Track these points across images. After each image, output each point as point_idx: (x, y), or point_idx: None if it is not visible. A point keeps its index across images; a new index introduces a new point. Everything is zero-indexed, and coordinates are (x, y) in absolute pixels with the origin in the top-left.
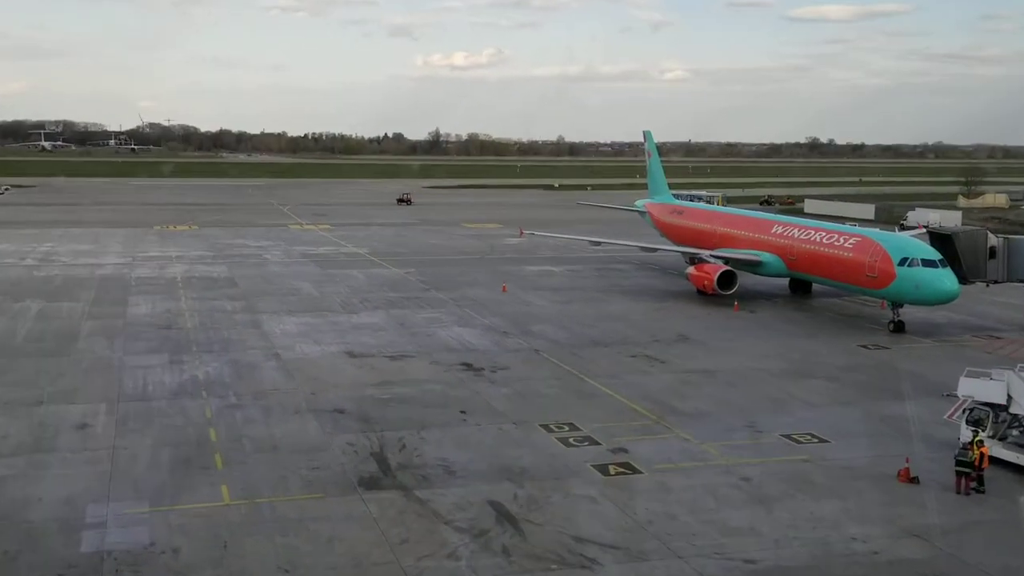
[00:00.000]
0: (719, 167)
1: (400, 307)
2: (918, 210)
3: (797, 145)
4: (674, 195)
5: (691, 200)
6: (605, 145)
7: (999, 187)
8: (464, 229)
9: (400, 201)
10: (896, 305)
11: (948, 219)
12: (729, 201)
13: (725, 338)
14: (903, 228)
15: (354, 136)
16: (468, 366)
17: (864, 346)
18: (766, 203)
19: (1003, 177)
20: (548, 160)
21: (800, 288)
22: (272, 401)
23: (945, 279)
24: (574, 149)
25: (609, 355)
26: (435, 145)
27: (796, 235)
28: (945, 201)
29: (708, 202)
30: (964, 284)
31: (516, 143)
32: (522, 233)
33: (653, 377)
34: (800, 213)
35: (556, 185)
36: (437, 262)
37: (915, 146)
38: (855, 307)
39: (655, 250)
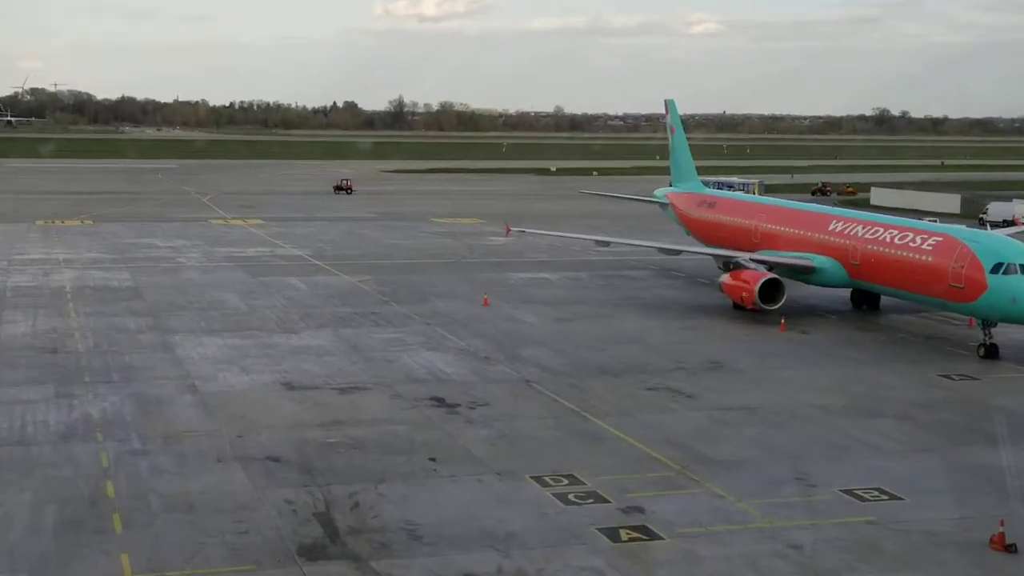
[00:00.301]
0: (761, 147)
1: (352, 325)
2: (998, 202)
3: (860, 119)
4: (703, 182)
5: (720, 189)
6: (616, 118)
7: None
8: (434, 225)
9: (338, 189)
10: (988, 324)
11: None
12: (769, 191)
13: (769, 365)
14: (983, 223)
15: (294, 106)
16: (439, 401)
17: (946, 376)
18: (820, 193)
19: None
20: (543, 137)
21: (865, 301)
22: (187, 446)
23: None
24: (576, 123)
25: (620, 387)
26: (398, 118)
27: (860, 234)
28: None
29: (742, 192)
30: None
31: (502, 115)
32: (508, 231)
33: (677, 415)
34: (864, 206)
35: (553, 169)
36: (399, 267)
37: (1012, 120)
38: (935, 326)
39: (679, 252)
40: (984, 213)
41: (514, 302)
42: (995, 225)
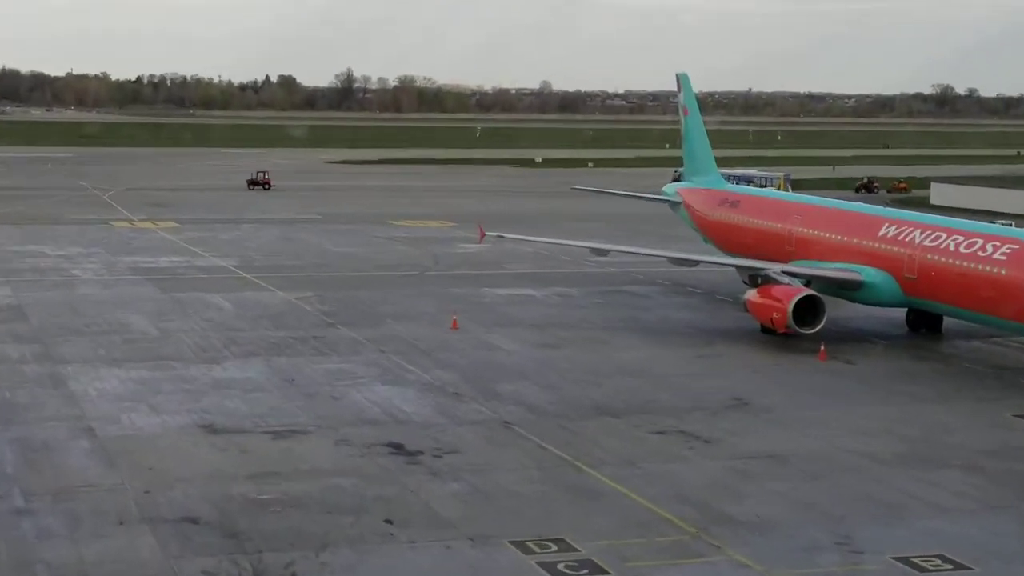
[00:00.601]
0: (795, 132)
1: (289, 353)
2: None
3: (918, 98)
4: (723, 176)
5: (736, 183)
6: (616, 97)
7: None
8: (392, 229)
9: (253, 183)
10: None
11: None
12: (798, 187)
13: (805, 403)
14: None
15: (218, 81)
16: (397, 448)
17: (1022, 417)
18: (865, 189)
19: None
20: (526, 120)
21: (924, 324)
22: (83, 504)
23: None
24: (567, 103)
25: (621, 430)
26: (346, 96)
27: (918, 240)
28: None
29: (762, 187)
30: None
31: (475, 93)
32: (483, 236)
33: (691, 465)
34: (923, 206)
35: (538, 160)
36: (348, 281)
37: None
38: (1010, 354)
39: (695, 263)
40: None
41: (490, 325)
42: None
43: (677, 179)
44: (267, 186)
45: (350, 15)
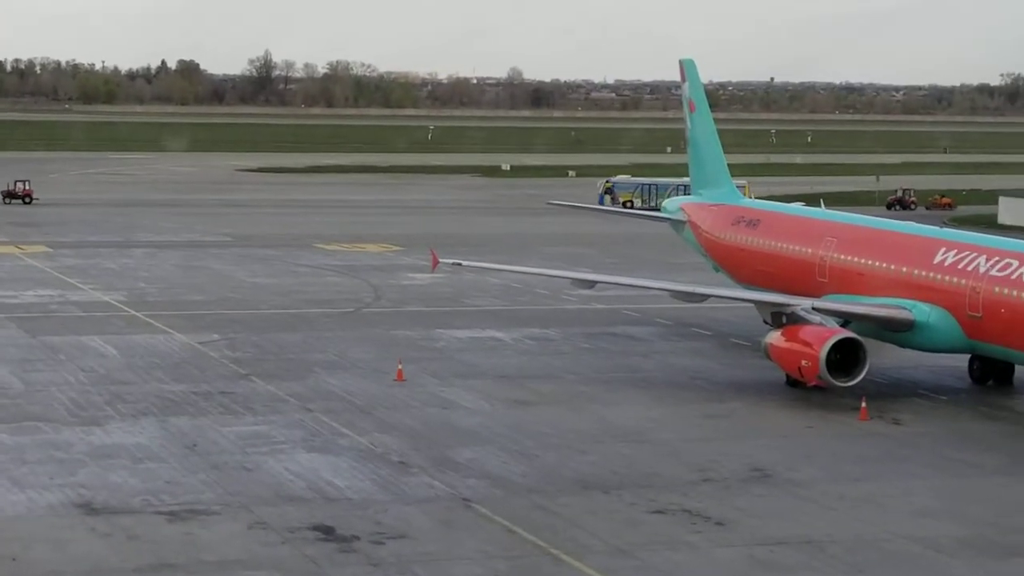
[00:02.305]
0: (829, 132)
1: (189, 412)
2: None
3: (983, 91)
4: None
5: (684, 194)
6: (603, 88)
7: None
8: (321, 255)
9: (9, 196)
10: None
11: None
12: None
13: (842, 475)
14: None
15: (101, 68)
16: (327, 532)
17: None
18: (899, 205)
19: None
20: (491, 117)
21: (991, 374)
22: None
23: None
24: (542, 96)
25: (612, 510)
26: (263, 86)
27: (983, 269)
28: None
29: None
30: None
31: (427, 83)
32: (437, 263)
33: (701, 555)
34: (989, 225)
35: (506, 167)
36: (266, 321)
37: None
38: None
39: (703, 297)
40: None
41: (445, 376)
42: None
43: (608, 191)
44: (26, 199)
45: None
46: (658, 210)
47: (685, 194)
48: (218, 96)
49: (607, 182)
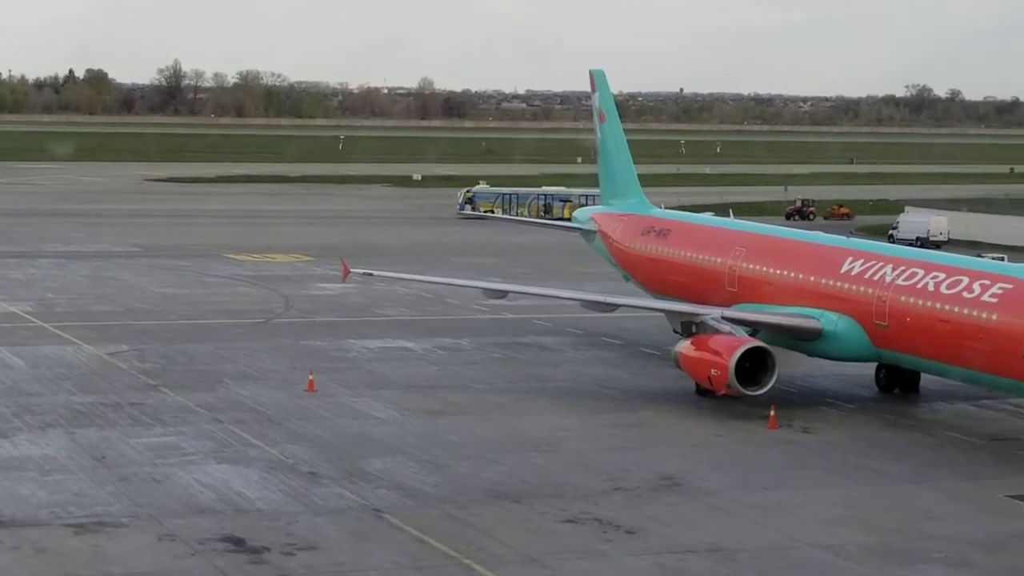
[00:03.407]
0: (736, 143)
1: (98, 424)
2: (909, 215)
3: (889, 102)
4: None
5: (544, 203)
6: (514, 98)
7: None
8: (230, 265)
9: None
10: None
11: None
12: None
13: (752, 483)
14: (892, 241)
15: (8, 78)
16: (237, 544)
17: (1020, 498)
18: (798, 214)
19: None
20: (402, 127)
21: (898, 382)
22: None
23: None
24: (454, 106)
25: (523, 519)
26: (173, 96)
27: (890, 278)
28: None
29: (579, 205)
30: None
31: (337, 93)
32: (347, 273)
33: (611, 563)
34: (886, 237)
35: (417, 177)
36: (176, 332)
37: None
38: (1004, 420)
39: (613, 307)
40: (895, 228)
41: (356, 386)
42: (908, 244)
43: (469, 200)
44: None
45: None
46: (560, 220)
47: (546, 204)
48: (127, 105)
49: (467, 192)
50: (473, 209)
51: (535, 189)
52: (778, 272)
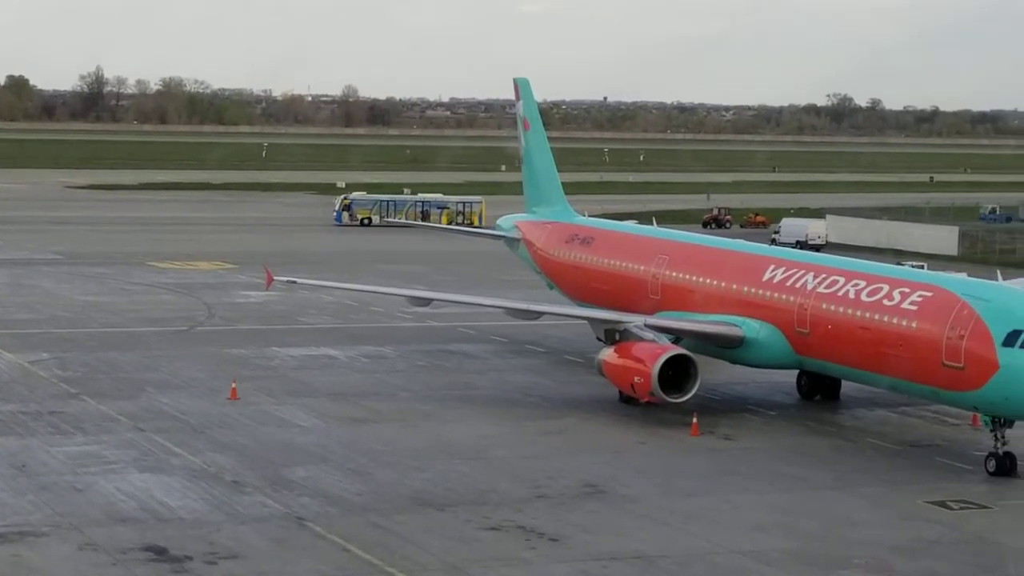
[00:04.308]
0: (660, 151)
1: (17, 432)
2: (791, 219)
3: (810, 111)
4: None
5: (422, 210)
6: (438, 106)
7: None
8: (153, 272)
9: None
10: (1000, 423)
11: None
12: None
13: (675, 490)
14: (775, 245)
15: None
16: (159, 553)
17: (940, 504)
18: (714, 222)
19: None
20: (326, 135)
21: (819, 389)
22: None
23: None
24: (378, 113)
25: (447, 526)
26: (95, 102)
27: (811, 286)
28: None
29: (460, 215)
30: None
31: (261, 100)
32: (271, 281)
33: (535, 571)
34: (810, 245)
35: (342, 185)
36: (97, 340)
37: None
38: (923, 427)
39: (537, 315)
40: (777, 233)
41: (280, 394)
42: (789, 246)
43: (347, 207)
44: None
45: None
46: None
47: (423, 211)
48: (48, 112)
49: (344, 199)
50: (351, 217)
51: (411, 197)
52: (701, 280)
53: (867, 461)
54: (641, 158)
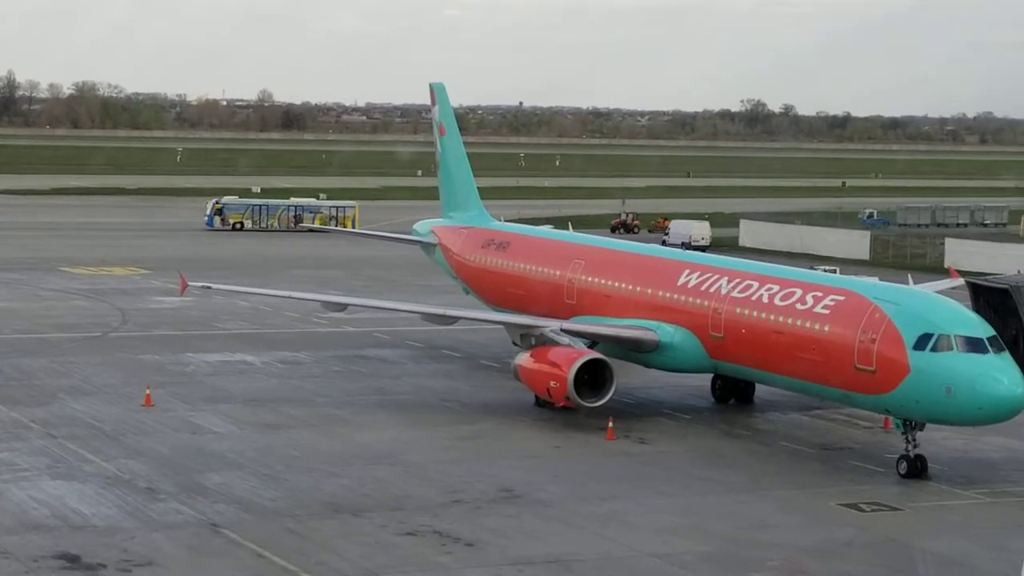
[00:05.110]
0: (575, 156)
1: None
2: (679, 221)
3: (724, 116)
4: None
5: (295, 214)
6: (354, 111)
7: None
8: (66, 278)
9: None
10: (911, 425)
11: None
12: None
13: (590, 494)
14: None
15: None
16: (72, 561)
17: (852, 506)
18: (623, 228)
19: None
20: (241, 140)
21: (733, 393)
22: None
23: (1001, 374)
24: (293, 118)
25: (363, 532)
26: (7, 107)
27: (725, 291)
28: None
29: (333, 219)
30: None
31: (176, 104)
32: (185, 286)
33: (451, 575)
34: (731, 248)
35: (257, 190)
36: (8, 346)
37: (943, 120)
38: (835, 430)
39: (453, 320)
40: (667, 234)
41: (194, 400)
42: (677, 247)
43: (218, 211)
44: None
45: (11, 4)
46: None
47: (296, 215)
48: None
49: (216, 203)
50: (222, 221)
51: (284, 201)
52: (616, 284)
53: (780, 464)
54: (557, 163)
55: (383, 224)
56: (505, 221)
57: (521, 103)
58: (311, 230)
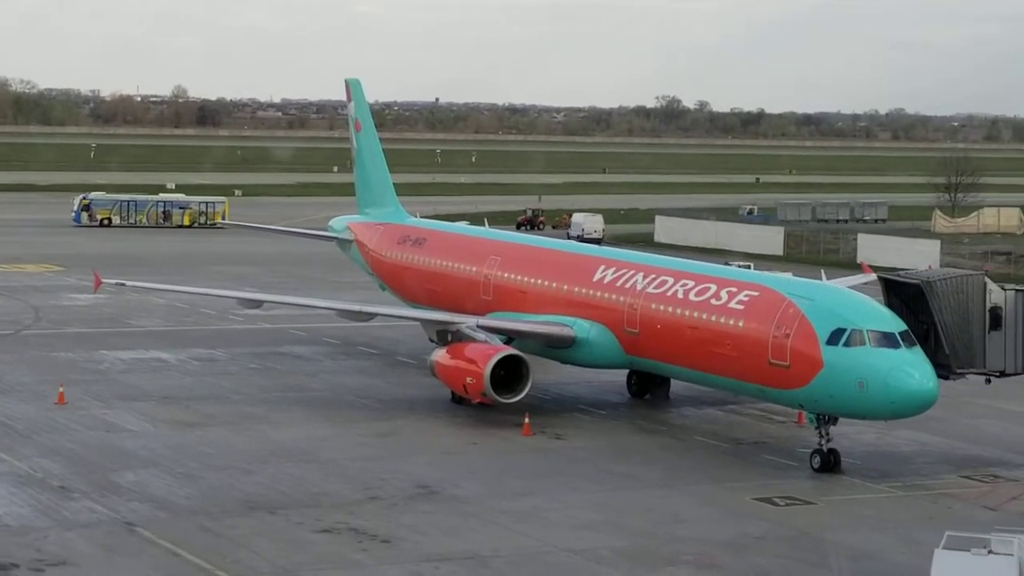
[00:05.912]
0: (492, 152)
1: None
2: (580, 213)
3: (639, 112)
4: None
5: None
6: (269, 107)
7: (1006, 194)
8: None
9: None
10: (825, 420)
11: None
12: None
13: (507, 489)
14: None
15: None
16: None
17: (766, 500)
18: (529, 224)
19: (1011, 176)
20: (155, 135)
21: (648, 388)
22: None
23: (913, 369)
24: (208, 114)
25: (279, 529)
26: None
27: (640, 286)
28: (913, 222)
29: (203, 215)
30: (947, 378)
31: (89, 100)
32: (99, 283)
33: (368, 573)
34: (646, 243)
35: (171, 186)
36: None
37: (855, 117)
38: (749, 424)
39: (369, 316)
40: (569, 228)
41: (108, 398)
42: (575, 239)
43: (86, 207)
44: None
45: None
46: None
47: (165, 212)
48: None
49: (84, 199)
50: (90, 217)
51: (153, 197)
52: (532, 280)
53: (696, 459)
54: (473, 159)
55: (299, 221)
56: (421, 217)
57: (437, 99)
58: (232, 226)
